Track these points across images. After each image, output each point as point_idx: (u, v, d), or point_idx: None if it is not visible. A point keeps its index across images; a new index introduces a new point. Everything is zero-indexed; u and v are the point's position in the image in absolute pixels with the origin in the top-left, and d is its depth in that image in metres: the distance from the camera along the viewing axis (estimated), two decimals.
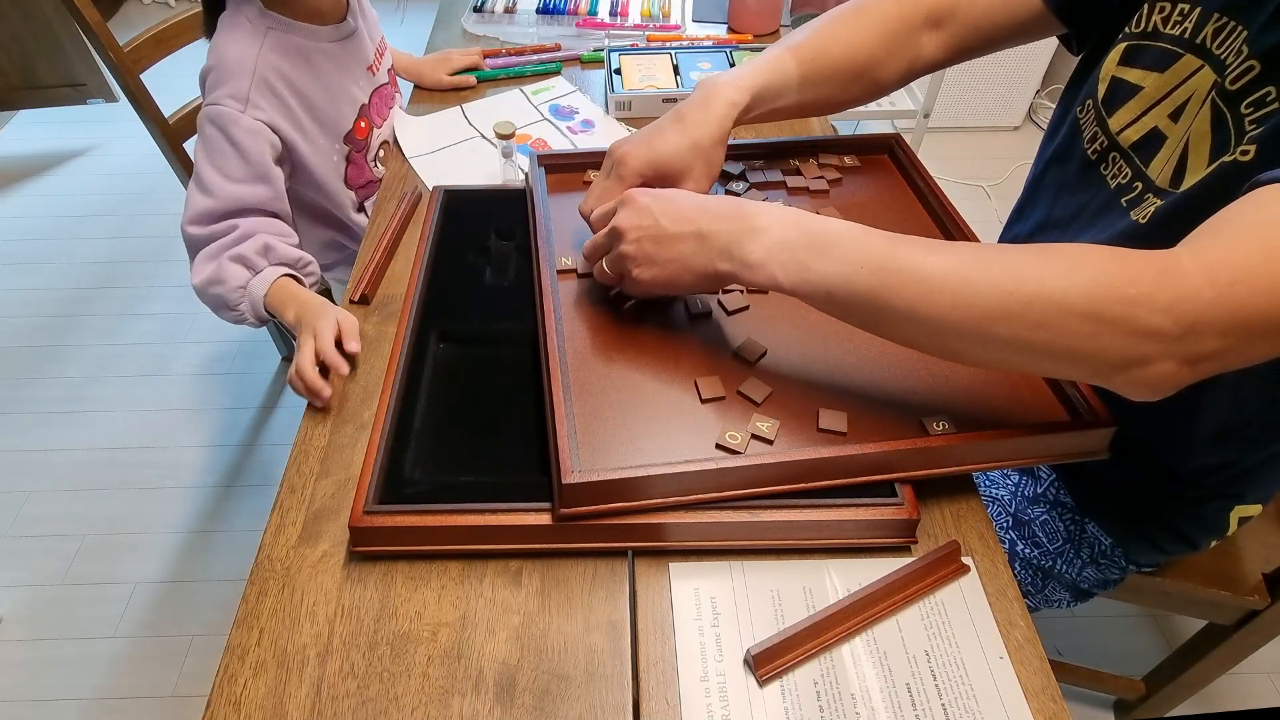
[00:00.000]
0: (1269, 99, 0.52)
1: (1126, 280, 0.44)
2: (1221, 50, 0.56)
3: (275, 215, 0.85)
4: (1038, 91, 2.32)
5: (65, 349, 1.73)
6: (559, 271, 0.68)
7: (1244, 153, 0.52)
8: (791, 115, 0.74)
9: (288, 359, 1.63)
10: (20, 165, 2.23)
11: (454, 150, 0.96)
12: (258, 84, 0.81)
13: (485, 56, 1.10)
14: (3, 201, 2.12)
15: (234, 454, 1.54)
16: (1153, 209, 0.60)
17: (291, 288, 0.78)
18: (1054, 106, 0.85)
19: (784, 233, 0.53)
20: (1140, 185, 0.62)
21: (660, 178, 0.65)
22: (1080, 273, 0.45)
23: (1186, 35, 0.58)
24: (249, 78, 0.81)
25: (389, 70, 1.01)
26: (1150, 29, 0.62)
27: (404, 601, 0.53)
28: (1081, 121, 0.69)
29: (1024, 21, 0.70)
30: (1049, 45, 2.17)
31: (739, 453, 0.55)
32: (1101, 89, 0.66)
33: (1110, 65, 0.65)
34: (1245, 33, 0.54)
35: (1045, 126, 0.80)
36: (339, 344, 0.67)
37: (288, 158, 0.88)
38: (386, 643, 0.51)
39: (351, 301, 0.74)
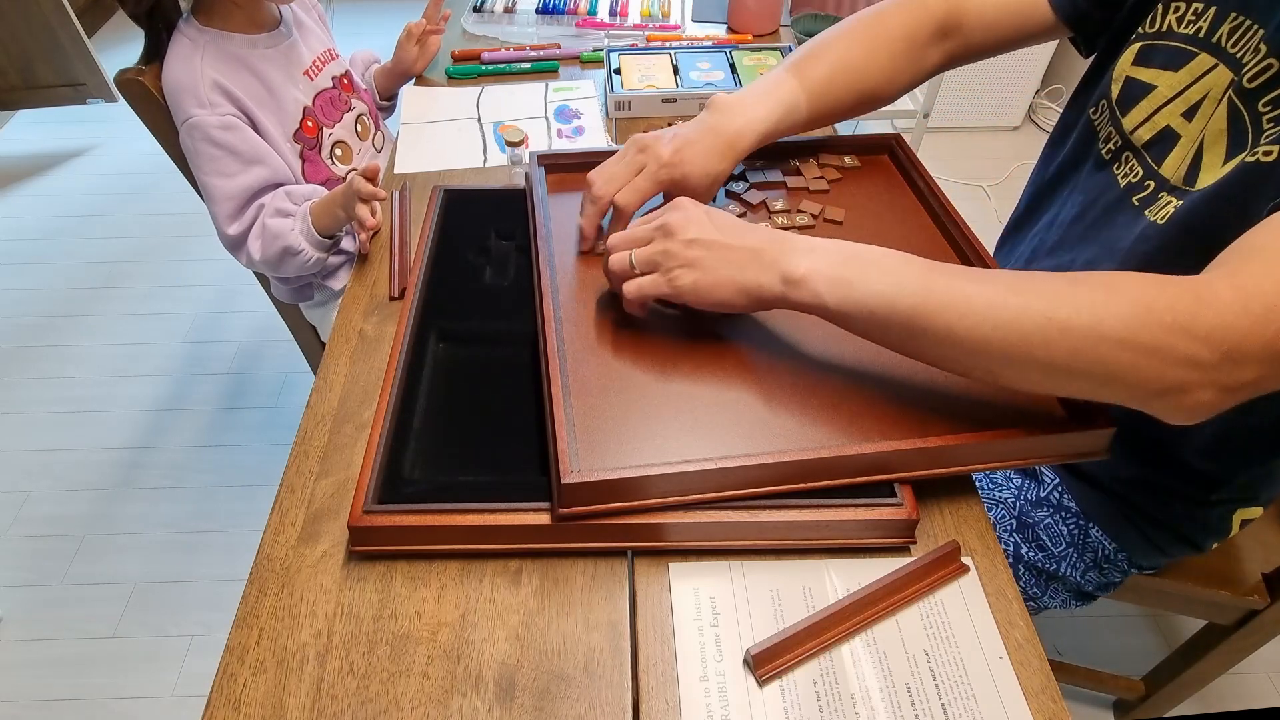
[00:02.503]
0: None
1: (1164, 307, 0.44)
2: (1237, 49, 0.56)
3: (282, 184, 0.94)
4: (1037, 91, 2.32)
5: (65, 349, 1.74)
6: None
7: (1266, 153, 0.52)
8: (788, 136, 0.75)
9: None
10: (20, 165, 2.24)
11: (444, 126, 1.00)
12: (209, 87, 0.88)
13: (484, 53, 1.11)
14: (3, 201, 2.12)
15: (234, 454, 1.54)
16: (1171, 209, 0.59)
17: (323, 202, 0.90)
18: (1054, 107, 0.86)
19: (827, 253, 0.54)
20: (1152, 184, 0.62)
21: (678, 189, 0.67)
22: (1118, 299, 0.45)
23: (1201, 34, 0.58)
24: (200, 84, 0.87)
25: (337, 77, 1.05)
26: (1164, 29, 0.62)
27: (403, 601, 0.53)
28: (1096, 123, 0.69)
29: (1033, 29, 0.72)
30: (1049, 45, 2.17)
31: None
32: (1115, 89, 0.66)
33: (1124, 65, 0.65)
34: (1262, 31, 0.54)
35: (1045, 126, 0.81)
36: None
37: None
38: (386, 643, 0.51)
39: (392, 298, 0.76)
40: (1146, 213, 0.62)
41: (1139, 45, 0.64)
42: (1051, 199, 0.77)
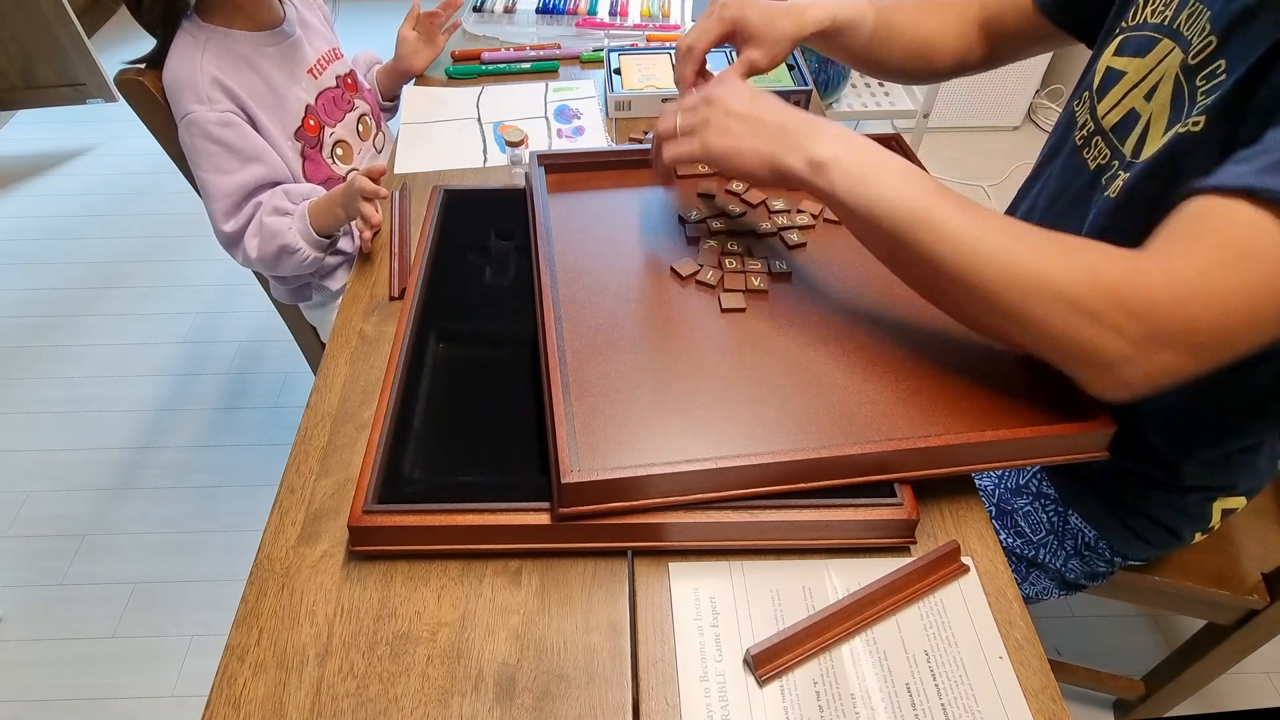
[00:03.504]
0: (1219, 71, 0.54)
1: (1109, 278, 0.47)
2: (1189, 31, 0.58)
3: (279, 183, 0.94)
4: (1037, 91, 2.32)
5: (65, 349, 1.74)
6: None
7: (1195, 123, 0.54)
8: (849, 60, 0.81)
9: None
10: (20, 165, 2.23)
11: (444, 126, 1.00)
12: (208, 83, 0.88)
13: (485, 53, 1.11)
14: (3, 201, 2.12)
15: (234, 454, 1.54)
16: (1121, 184, 0.62)
17: (322, 201, 0.90)
18: (1054, 106, 0.90)
19: (856, 149, 0.56)
20: (1116, 163, 0.65)
21: (744, 30, 0.72)
22: (1075, 260, 0.48)
23: (1166, 22, 0.61)
24: (200, 80, 0.87)
25: (341, 76, 1.05)
26: (1140, 21, 0.65)
27: (403, 601, 0.53)
28: (1077, 113, 0.72)
29: (1038, 32, 0.78)
30: None
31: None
32: (1096, 79, 0.69)
33: (1107, 57, 0.68)
34: (1209, 13, 0.57)
35: (1045, 126, 0.83)
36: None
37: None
38: (386, 643, 0.51)
39: (392, 298, 0.76)
40: (1108, 191, 0.65)
41: (1120, 37, 0.67)
42: (1032, 189, 0.79)
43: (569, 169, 0.81)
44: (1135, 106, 0.63)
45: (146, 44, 0.92)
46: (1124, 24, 0.66)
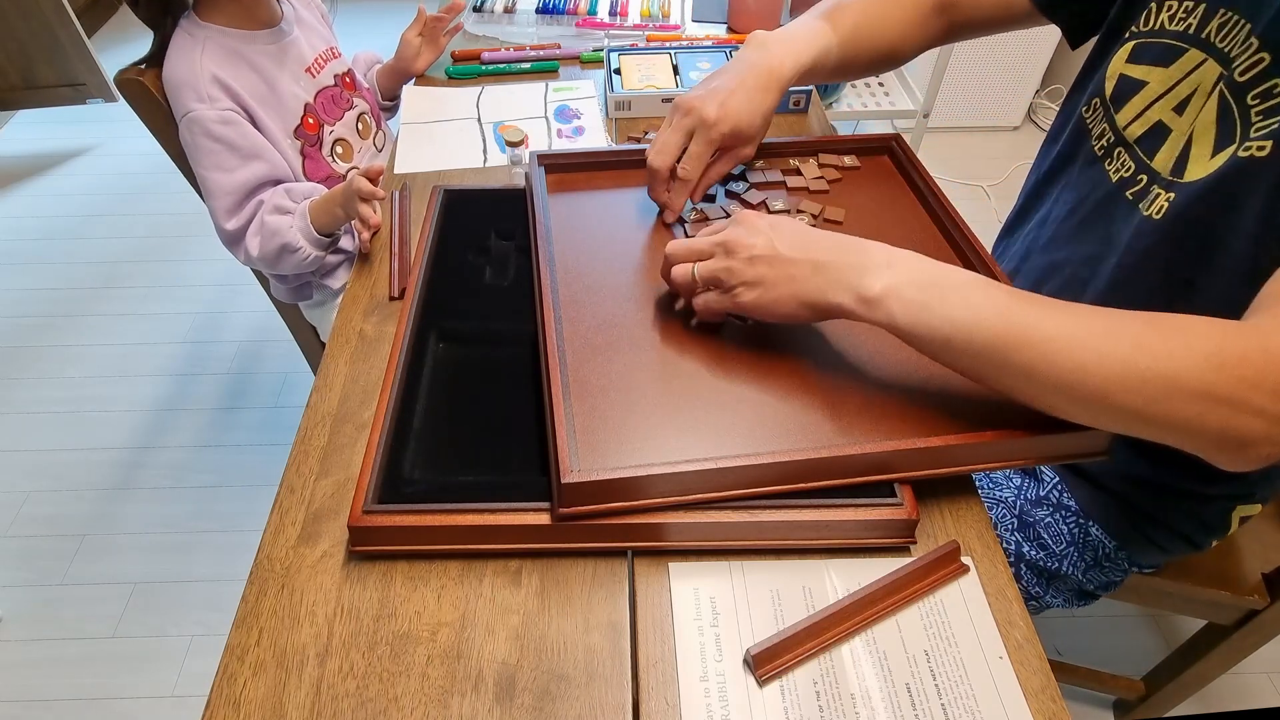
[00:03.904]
0: (1277, 90, 0.52)
1: (1236, 360, 0.44)
2: (1226, 43, 0.56)
3: (280, 181, 0.94)
4: (1037, 91, 2.32)
5: (65, 349, 1.74)
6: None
7: (1260, 148, 0.52)
8: (816, 83, 0.84)
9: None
10: (20, 165, 2.24)
11: (444, 125, 1.00)
12: (209, 81, 0.88)
13: (484, 53, 1.11)
14: (3, 201, 2.12)
15: (234, 454, 1.54)
16: (1163, 202, 0.60)
17: (322, 200, 0.90)
18: (1054, 106, 0.88)
19: (907, 272, 0.52)
20: (1145, 178, 0.63)
21: (733, 139, 0.70)
22: (1196, 349, 0.45)
23: (1191, 30, 0.59)
24: (199, 78, 0.88)
25: (339, 75, 1.05)
26: (1156, 27, 0.62)
27: (403, 601, 0.53)
28: (1089, 120, 0.70)
29: (1014, 14, 0.76)
30: (1049, 45, 2.17)
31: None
32: (1109, 87, 0.67)
33: (1118, 63, 0.66)
34: (1250, 26, 0.54)
35: (1045, 126, 0.82)
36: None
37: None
38: (386, 643, 0.51)
39: (392, 298, 0.76)
40: (1140, 206, 0.63)
41: (1132, 44, 0.65)
42: (1044, 197, 0.78)
43: (569, 169, 0.81)
44: (1163, 119, 0.61)
45: (146, 44, 0.92)
46: (1135, 29, 0.64)
